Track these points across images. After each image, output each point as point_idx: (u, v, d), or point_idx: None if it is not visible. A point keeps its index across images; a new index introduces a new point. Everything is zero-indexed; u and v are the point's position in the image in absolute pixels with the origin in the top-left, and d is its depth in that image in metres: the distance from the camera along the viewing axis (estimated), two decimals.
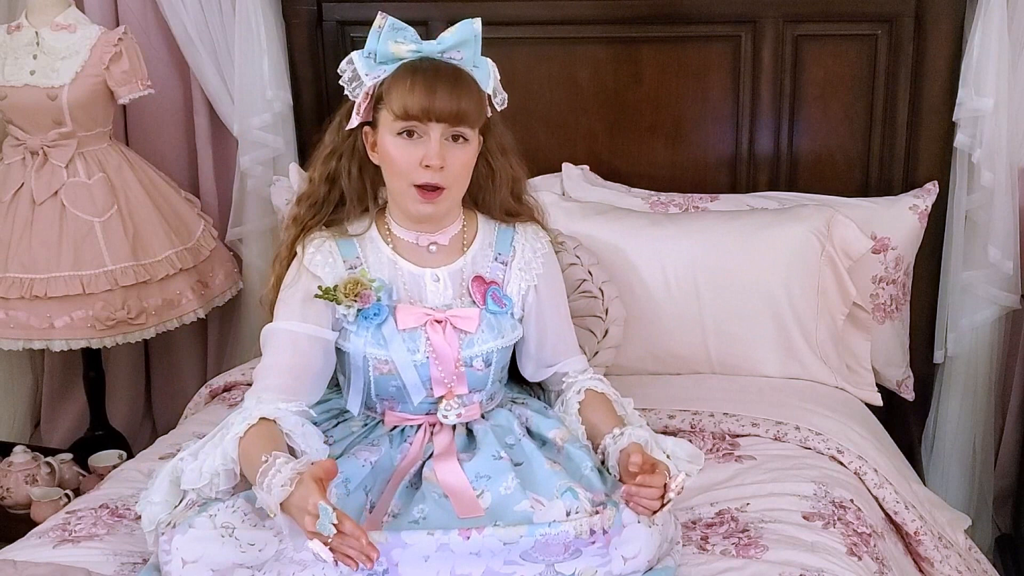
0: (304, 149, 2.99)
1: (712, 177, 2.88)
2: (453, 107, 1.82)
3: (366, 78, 1.88)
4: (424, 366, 1.90)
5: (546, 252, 2.04)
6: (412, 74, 1.84)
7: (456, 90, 1.83)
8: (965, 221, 2.75)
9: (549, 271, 2.03)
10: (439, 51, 1.87)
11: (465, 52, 1.88)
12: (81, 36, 2.79)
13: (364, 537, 1.55)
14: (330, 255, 1.94)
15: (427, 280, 1.95)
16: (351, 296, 1.88)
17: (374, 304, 1.89)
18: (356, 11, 2.95)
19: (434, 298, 1.94)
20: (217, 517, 1.70)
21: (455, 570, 1.68)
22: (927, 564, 2.19)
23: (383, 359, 1.90)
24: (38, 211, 2.77)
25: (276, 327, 1.92)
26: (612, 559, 1.71)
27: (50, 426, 3.39)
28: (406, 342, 1.89)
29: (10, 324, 2.75)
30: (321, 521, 1.53)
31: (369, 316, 1.89)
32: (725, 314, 2.51)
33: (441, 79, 1.83)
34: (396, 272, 1.94)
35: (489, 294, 1.95)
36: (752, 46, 2.78)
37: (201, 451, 1.81)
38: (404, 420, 1.95)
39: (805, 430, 2.24)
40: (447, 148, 1.85)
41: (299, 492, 1.59)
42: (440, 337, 1.89)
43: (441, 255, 1.97)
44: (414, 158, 1.84)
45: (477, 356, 1.92)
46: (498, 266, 1.99)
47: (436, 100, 1.81)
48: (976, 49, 2.58)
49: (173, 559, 1.69)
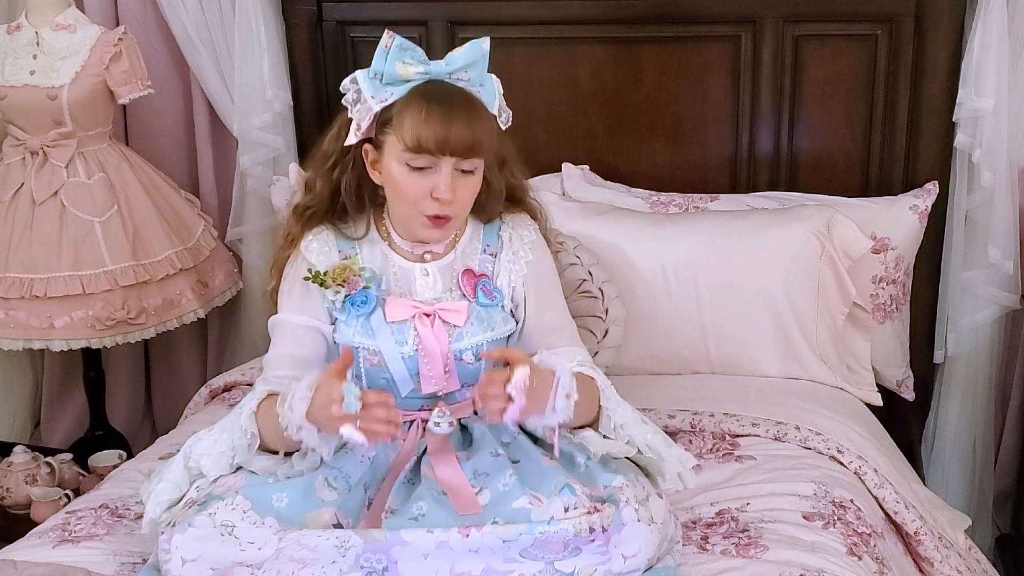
0: (304, 149, 2.99)
1: (712, 177, 2.88)
2: (468, 141, 1.79)
3: (372, 101, 1.82)
4: (412, 359, 1.90)
5: (534, 240, 2.02)
6: (427, 103, 1.79)
7: (471, 122, 1.80)
8: (965, 221, 2.75)
9: (539, 258, 2.02)
10: (448, 72, 1.83)
11: (473, 72, 1.85)
12: (81, 36, 2.79)
13: (390, 400, 1.63)
14: (326, 244, 1.95)
15: (417, 274, 1.95)
16: (338, 281, 1.89)
17: (361, 291, 1.90)
18: (356, 11, 2.95)
19: (423, 292, 1.94)
20: (217, 516, 1.70)
21: (455, 568, 1.68)
22: (927, 564, 2.19)
23: (373, 350, 1.90)
24: (38, 211, 2.77)
25: (279, 318, 1.96)
26: (612, 557, 1.71)
27: (50, 426, 3.39)
28: (394, 334, 1.90)
29: (10, 324, 2.75)
30: (347, 401, 1.58)
31: (357, 303, 1.90)
32: (725, 314, 2.51)
33: (457, 111, 1.79)
34: (387, 264, 1.95)
35: (479, 287, 1.95)
36: (752, 46, 2.78)
37: (209, 435, 1.86)
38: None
39: (805, 430, 2.24)
40: (457, 179, 1.82)
41: (320, 391, 1.66)
42: (428, 331, 1.89)
43: (438, 254, 1.97)
44: (424, 189, 1.82)
45: (467, 349, 1.92)
46: (487, 258, 1.99)
47: (452, 134, 1.78)
48: (976, 49, 2.58)
49: (173, 557, 1.69)
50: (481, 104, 1.84)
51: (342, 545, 1.68)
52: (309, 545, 1.67)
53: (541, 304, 2.02)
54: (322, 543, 1.68)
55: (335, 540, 1.68)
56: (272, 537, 1.69)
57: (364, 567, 1.68)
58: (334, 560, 1.67)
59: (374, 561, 1.68)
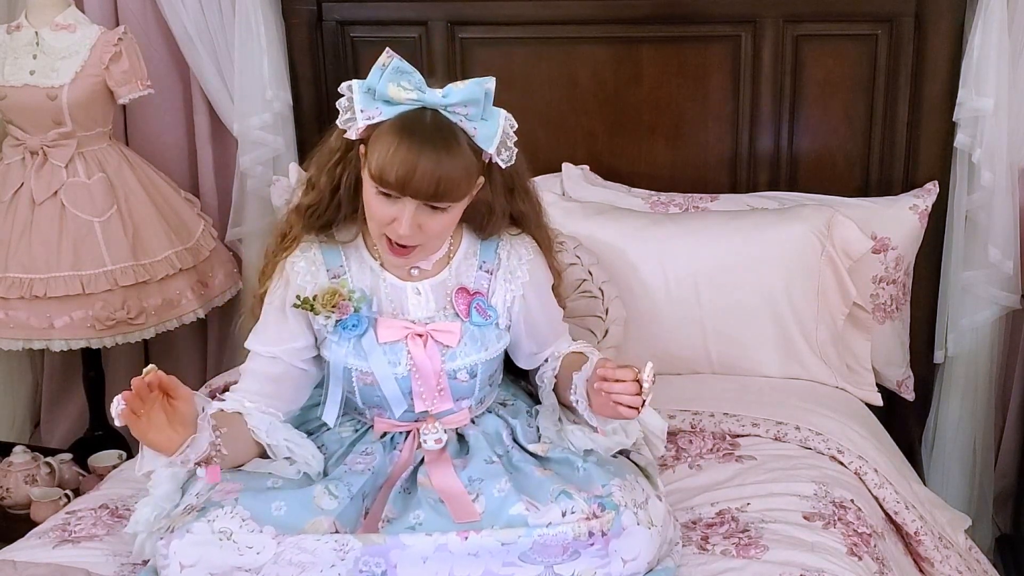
0: (304, 149, 2.99)
1: (712, 177, 2.88)
2: (431, 186, 1.71)
3: (361, 116, 1.75)
4: (405, 379, 1.88)
5: (531, 259, 1.97)
6: (398, 138, 1.71)
7: (440, 165, 1.70)
8: (965, 221, 2.75)
9: (535, 277, 1.98)
10: (443, 104, 1.74)
11: (472, 109, 1.75)
12: (81, 36, 2.79)
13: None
14: (313, 263, 1.90)
15: (409, 292, 1.91)
16: (328, 307, 1.85)
17: (352, 315, 1.86)
18: (356, 11, 2.95)
19: (416, 311, 1.90)
20: (215, 522, 1.70)
21: (453, 571, 1.68)
22: (927, 564, 2.19)
23: (365, 371, 1.88)
24: (38, 211, 2.77)
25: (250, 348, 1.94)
26: (611, 561, 1.71)
27: (50, 426, 3.39)
28: (387, 355, 1.87)
29: (10, 324, 2.75)
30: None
31: (348, 327, 1.87)
32: (725, 314, 2.51)
33: (426, 152, 1.70)
34: (378, 283, 1.91)
35: (473, 306, 1.91)
36: (752, 46, 2.78)
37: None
38: (393, 427, 1.94)
39: (805, 430, 2.24)
40: (423, 215, 1.76)
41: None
42: (421, 351, 1.86)
43: (427, 272, 1.93)
44: (388, 216, 1.77)
45: (461, 369, 1.90)
46: (483, 275, 1.95)
47: (414, 177, 1.70)
48: (976, 49, 2.57)
49: (171, 563, 1.68)
50: (463, 149, 1.74)
51: (341, 549, 1.68)
52: (308, 549, 1.67)
53: (538, 315, 2.00)
54: (321, 547, 1.68)
55: (334, 544, 1.68)
56: (270, 542, 1.68)
57: (363, 571, 1.67)
58: (333, 564, 1.67)
59: (373, 565, 1.68)
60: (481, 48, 2.89)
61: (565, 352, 2.02)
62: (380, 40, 1.89)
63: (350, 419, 1.99)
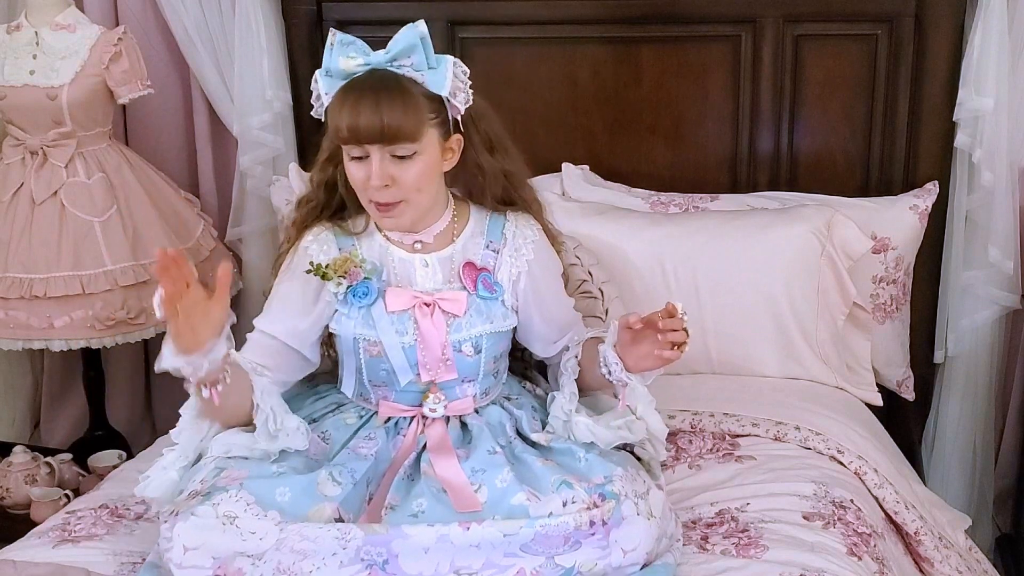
0: (304, 149, 2.99)
1: (712, 177, 2.88)
2: (376, 127, 1.79)
3: (325, 97, 1.87)
4: (412, 349, 1.91)
5: (536, 239, 2.03)
6: (344, 93, 1.83)
7: (382, 109, 1.79)
8: (965, 221, 2.75)
9: (540, 256, 2.03)
10: (387, 61, 1.83)
11: (415, 57, 1.83)
12: (81, 36, 2.79)
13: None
14: (325, 243, 1.98)
15: (417, 265, 1.96)
16: (340, 272, 1.91)
17: (362, 282, 1.92)
18: (356, 11, 2.95)
19: (423, 282, 1.96)
20: (220, 506, 1.72)
21: (455, 562, 1.69)
22: (927, 564, 2.19)
23: (373, 341, 1.92)
24: (38, 211, 2.77)
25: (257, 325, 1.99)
26: (611, 551, 1.72)
27: (50, 426, 3.38)
28: (394, 324, 1.91)
29: (10, 324, 2.75)
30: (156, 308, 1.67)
31: (359, 295, 1.92)
32: (725, 314, 2.51)
33: (367, 98, 1.80)
34: (387, 257, 1.97)
35: (480, 280, 1.96)
36: (752, 46, 2.78)
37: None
38: (398, 411, 1.97)
39: (805, 430, 2.24)
40: (392, 166, 1.83)
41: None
42: (428, 321, 1.91)
43: (430, 245, 1.99)
44: (363, 176, 1.85)
45: (466, 340, 1.93)
46: (489, 253, 2.00)
47: (360, 122, 1.79)
48: (976, 49, 2.57)
49: (175, 546, 1.71)
50: (405, 90, 1.81)
51: (343, 537, 1.69)
52: (310, 537, 1.69)
53: (548, 296, 2.04)
54: (323, 535, 1.69)
55: (336, 532, 1.69)
56: (273, 528, 1.70)
57: (364, 559, 1.69)
58: (335, 552, 1.68)
59: (374, 554, 1.69)
60: (481, 48, 2.89)
61: (586, 338, 2.04)
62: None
63: (355, 406, 2.01)
